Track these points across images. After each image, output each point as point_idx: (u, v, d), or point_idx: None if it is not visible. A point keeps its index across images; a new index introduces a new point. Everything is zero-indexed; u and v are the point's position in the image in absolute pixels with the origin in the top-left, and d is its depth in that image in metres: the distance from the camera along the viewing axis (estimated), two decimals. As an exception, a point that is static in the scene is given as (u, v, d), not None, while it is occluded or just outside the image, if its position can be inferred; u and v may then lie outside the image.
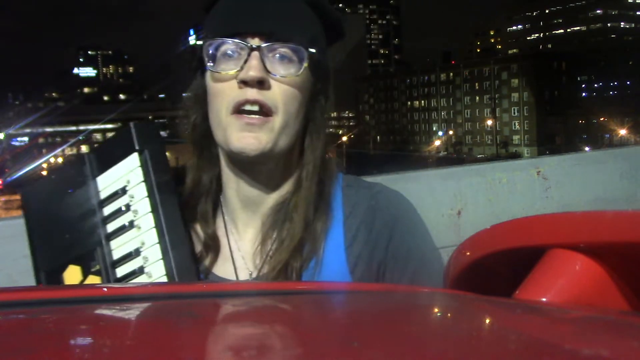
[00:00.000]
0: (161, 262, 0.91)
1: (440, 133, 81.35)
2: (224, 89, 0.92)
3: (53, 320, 0.51)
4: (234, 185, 1.00)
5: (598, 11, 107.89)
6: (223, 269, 0.99)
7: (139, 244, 0.92)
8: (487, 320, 0.59)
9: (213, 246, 0.99)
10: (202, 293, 0.68)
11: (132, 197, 0.93)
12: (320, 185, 0.98)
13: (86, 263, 0.95)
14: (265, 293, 0.70)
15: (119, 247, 0.94)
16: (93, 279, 0.94)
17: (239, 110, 0.91)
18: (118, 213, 0.94)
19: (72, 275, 0.95)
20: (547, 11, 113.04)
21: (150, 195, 0.92)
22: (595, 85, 77.95)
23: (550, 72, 70.95)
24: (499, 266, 0.77)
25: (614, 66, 76.56)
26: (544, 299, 0.64)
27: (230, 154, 0.95)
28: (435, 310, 0.65)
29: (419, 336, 0.49)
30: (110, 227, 0.95)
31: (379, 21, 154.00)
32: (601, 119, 65.77)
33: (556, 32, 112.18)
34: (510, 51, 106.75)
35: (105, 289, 0.70)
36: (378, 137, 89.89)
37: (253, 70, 0.90)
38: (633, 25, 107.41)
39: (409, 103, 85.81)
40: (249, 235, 1.01)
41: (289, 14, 0.95)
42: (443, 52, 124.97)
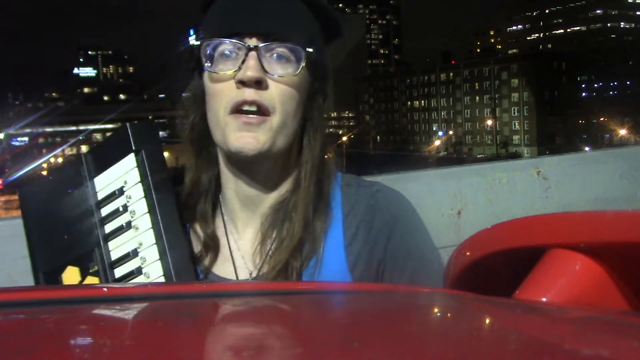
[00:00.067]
0: (159, 263, 0.91)
1: (440, 133, 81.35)
2: (222, 89, 0.92)
3: (53, 320, 0.51)
4: (232, 185, 1.00)
5: (598, 11, 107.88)
6: (223, 269, 0.99)
7: (137, 245, 0.92)
8: (487, 320, 0.59)
9: (213, 246, 0.99)
10: (202, 293, 0.68)
11: (130, 198, 0.93)
12: (318, 185, 0.98)
13: (84, 264, 0.95)
14: (264, 293, 0.70)
15: (116, 248, 0.94)
16: (91, 280, 0.94)
17: (237, 110, 0.91)
18: (115, 214, 0.94)
19: (71, 276, 0.95)
20: (547, 11, 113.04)
21: (147, 195, 0.92)
22: (595, 85, 77.95)
23: (550, 72, 70.94)
24: (499, 266, 0.76)
25: (614, 66, 76.57)
26: (544, 299, 0.64)
27: (228, 154, 0.95)
28: (435, 310, 0.65)
29: (419, 336, 0.49)
30: (108, 228, 0.95)
31: (379, 21, 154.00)
32: (601, 119, 65.77)
33: (556, 32, 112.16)
34: (510, 51, 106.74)
35: (104, 289, 0.70)
36: (378, 137, 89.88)
37: (251, 70, 0.90)
38: (633, 25, 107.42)
39: (409, 103, 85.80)
40: (249, 234, 1.01)
41: (286, 14, 0.95)
42: (443, 52, 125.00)
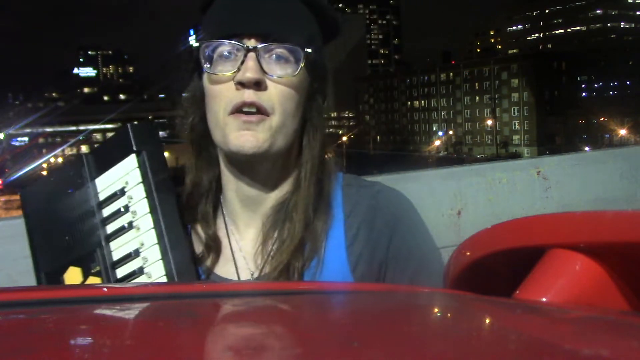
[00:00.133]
0: (160, 263, 0.91)
1: (440, 133, 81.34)
2: (222, 90, 0.92)
3: (53, 320, 0.51)
4: (233, 186, 0.99)
5: (598, 11, 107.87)
6: (225, 270, 0.99)
7: (138, 245, 0.92)
8: (487, 320, 0.59)
9: (214, 247, 0.99)
10: (202, 293, 0.68)
11: (131, 198, 0.93)
12: (319, 185, 0.98)
13: (86, 264, 0.95)
14: (264, 293, 0.70)
15: (118, 248, 0.94)
16: (93, 280, 0.94)
17: (236, 111, 0.91)
18: (117, 214, 0.94)
19: (73, 276, 0.95)
20: (547, 11, 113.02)
21: (149, 196, 0.92)
22: (595, 85, 77.95)
23: (550, 72, 70.94)
24: (499, 266, 0.76)
25: (614, 66, 76.58)
26: (544, 299, 0.64)
27: (228, 154, 0.95)
28: (435, 310, 0.65)
29: (419, 336, 0.49)
30: (110, 229, 0.95)
31: (379, 21, 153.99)
32: (601, 119, 65.76)
33: (556, 32, 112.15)
34: (510, 51, 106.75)
35: (105, 289, 0.70)
36: (378, 137, 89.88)
37: (250, 71, 0.89)
38: (633, 25, 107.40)
39: (409, 103, 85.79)
40: (250, 235, 1.01)
41: (285, 14, 0.95)
42: (443, 52, 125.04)
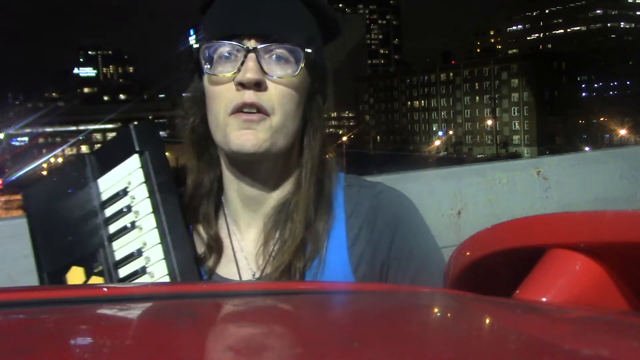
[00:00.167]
0: (163, 262, 0.91)
1: (440, 133, 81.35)
2: (222, 91, 0.92)
3: (53, 320, 0.51)
4: (235, 186, 0.99)
5: (598, 11, 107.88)
6: (226, 270, 0.99)
7: (141, 245, 0.92)
8: (487, 320, 0.59)
9: (216, 247, 0.99)
10: (202, 293, 0.68)
11: (134, 198, 0.93)
12: (319, 185, 0.98)
13: (89, 264, 0.95)
14: (264, 293, 0.70)
15: (121, 248, 0.94)
16: (96, 280, 0.94)
17: (237, 111, 0.91)
18: (119, 214, 0.94)
19: (75, 276, 0.96)
20: (547, 11, 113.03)
21: (151, 196, 0.92)
22: (595, 85, 77.95)
23: (550, 72, 70.95)
24: (499, 266, 0.76)
25: (614, 66, 76.59)
26: (544, 299, 0.64)
27: (229, 154, 0.95)
28: (435, 310, 0.65)
29: (419, 336, 0.49)
30: (112, 228, 0.95)
31: (379, 21, 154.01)
32: (601, 119, 65.76)
33: (556, 32, 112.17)
34: (510, 51, 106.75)
35: (105, 289, 0.70)
36: (378, 137, 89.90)
37: (250, 72, 0.89)
38: (633, 25, 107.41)
39: (409, 103, 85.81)
40: (252, 235, 1.01)
41: (284, 14, 0.95)
42: (443, 52, 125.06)
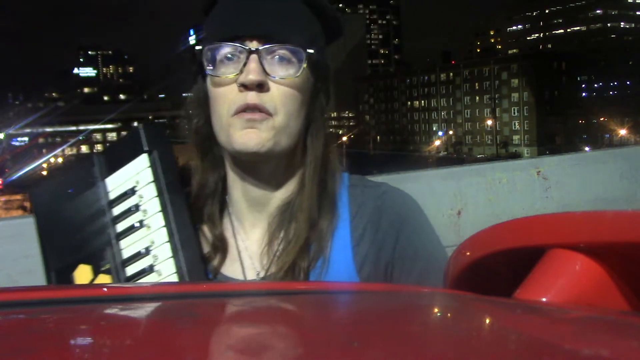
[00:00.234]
0: (171, 260, 0.91)
1: (440, 133, 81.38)
2: (225, 92, 0.93)
3: (53, 320, 0.51)
4: (239, 187, 1.00)
5: (598, 11, 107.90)
6: (231, 269, 1.00)
7: (149, 243, 0.93)
8: (487, 320, 0.59)
9: (221, 247, 1.00)
10: (202, 293, 0.68)
11: (142, 197, 0.94)
12: (322, 185, 0.98)
13: (96, 262, 0.96)
14: (264, 293, 0.70)
15: (128, 246, 0.95)
16: (103, 278, 0.95)
17: (240, 111, 0.92)
18: (127, 213, 0.95)
19: (83, 274, 0.96)
20: (547, 11, 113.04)
21: (160, 195, 0.93)
22: (595, 85, 77.97)
23: (550, 72, 70.97)
24: (499, 266, 0.76)
25: (614, 66, 76.60)
26: (544, 299, 0.64)
27: (233, 154, 0.95)
28: (435, 310, 0.65)
29: (419, 336, 0.49)
30: (120, 227, 0.95)
31: (379, 21, 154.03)
32: (601, 119, 65.79)
33: (556, 32, 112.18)
34: (510, 51, 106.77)
35: (105, 289, 0.70)
36: (378, 137, 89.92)
37: (252, 73, 0.90)
38: (633, 25, 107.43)
39: (409, 103, 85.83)
40: (256, 235, 1.01)
41: (286, 15, 0.95)
42: (443, 52, 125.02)
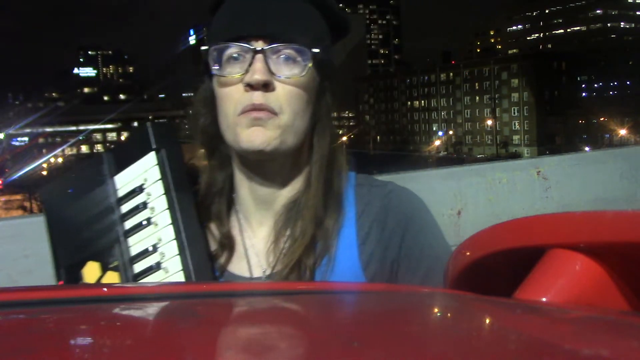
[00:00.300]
0: (178, 258, 0.92)
1: (440, 133, 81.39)
2: (231, 92, 0.93)
3: (53, 320, 0.51)
4: (246, 185, 1.01)
5: (598, 11, 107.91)
6: (238, 267, 1.01)
7: (156, 241, 0.93)
8: (487, 320, 0.59)
9: (228, 245, 1.00)
10: (203, 293, 0.68)
11: (149, 195, 0.95)
12: (328, 184, 0.99)
13: (105, 259, 0.97)
14: (265, 293, 0.70)
15: (136, 244, 0.95)
16: (111, 275, 0.96)
17: (246, 111, 0.93)
18: (135, 211, 0.96)
19: (91, 271, 0.97)
20: (547, 11, 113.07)
21: (167, 192, 0.94)
22: (595, 85, 77.98)
23: (550, 72, 70.97)
24: (499, 266, 0.76)
25: (614, 66, 76.61)
26: (544, 299, 0.64)
27: (240, 152, 0.96)
28: (435, 310, 0.65)
29: (419, 336, 0.49)
30: (128, 225, 0.96)
31: (379, 21, 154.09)
32: (601, 119, 65.81)
33: (556, 32, 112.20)
34: (510, 51, 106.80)
35: (105, 289, 0.70)
36: (378, 137, 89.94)
37: (258, 73, 0.91)
38: (633, 25, 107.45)
39: (409, 103, 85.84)
40: (263, 233, 1.02)
41: (292, 15, 0.95)
42: (443, 52, 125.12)
